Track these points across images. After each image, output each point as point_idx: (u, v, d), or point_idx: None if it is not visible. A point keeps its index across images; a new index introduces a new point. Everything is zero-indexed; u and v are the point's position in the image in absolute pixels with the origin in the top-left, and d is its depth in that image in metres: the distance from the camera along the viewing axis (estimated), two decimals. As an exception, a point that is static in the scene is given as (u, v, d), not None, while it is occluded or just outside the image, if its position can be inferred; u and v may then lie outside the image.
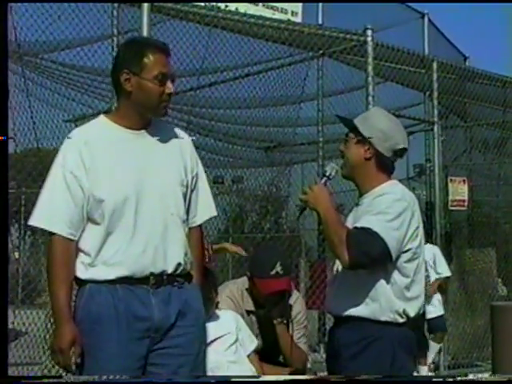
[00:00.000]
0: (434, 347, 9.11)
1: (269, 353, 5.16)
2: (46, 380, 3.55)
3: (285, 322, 4.90)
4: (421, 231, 3.77)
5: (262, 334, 5.04)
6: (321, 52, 9.06)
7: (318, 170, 10.15)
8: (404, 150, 3.84)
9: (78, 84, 9.49)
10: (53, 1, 7.59)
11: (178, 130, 3.76)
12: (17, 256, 14.58)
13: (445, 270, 9.10)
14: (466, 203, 9.79)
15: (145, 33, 6.79)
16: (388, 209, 3.59)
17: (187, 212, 3.65)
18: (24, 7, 7.48)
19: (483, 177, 12.61)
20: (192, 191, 3.67)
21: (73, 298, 3.49)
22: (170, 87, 3.50)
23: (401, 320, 3.64)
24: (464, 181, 9.81)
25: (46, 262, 3.47)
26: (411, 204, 3.72)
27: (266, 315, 4.93)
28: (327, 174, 3.80)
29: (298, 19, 9.95)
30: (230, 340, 4.68)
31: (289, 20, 9.36)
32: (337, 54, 9.07)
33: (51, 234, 3.43)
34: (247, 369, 4.63)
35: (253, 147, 11.36)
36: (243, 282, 5.06)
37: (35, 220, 3.46)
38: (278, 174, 11.55)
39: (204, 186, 3.76)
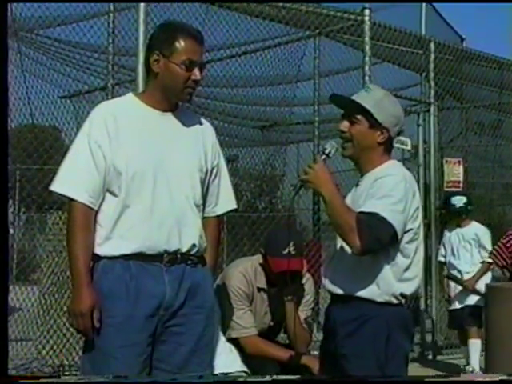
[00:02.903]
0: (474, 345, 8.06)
1: (275, 332, 5.23)
2: (44, 380, 3.53)
3: (295, 300, 4.93)
4: (420, 211, 3.77)
5: (271, 312, 5.07)
6: (317, 31, 9.02)
7: (314, 149, 10.15)
8: (403, 130, 3.87)
9: (73, 60, 9.45)
10: (52, 1, 7.55)
11: (203, 120, 3.81)
12: (11, 232, 14.57)
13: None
14: (460, 184, 9.79)
15: (141, 10, 6.74)
16: (392, 191, 3.57)
17: (205, 200, 3.70)
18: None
19: (479, 159, 12.62)
20: (212, 180, 3.72)
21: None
22: (196, 74, 3.53)
23: (396, 301, 3.65)
24: (459, 162, 9.81)
25: (68, 227, 3.49)
26: (412, 184, 3.72)
27: (277, 293, 4.95)
28: (327, 151, 3.75)
29: (298, -3, 9.91)
30: None
31: (286, -3, 9.32)
32: (334, 33, 9.04)
33: (72, 200, 3.46)
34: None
35: (249, 126, 11.34)
36: (258, 258, 5.07)
37: (57, 186, 3.49)
38: (274, 153, 11.54)
39: (226, 178, 3.81)
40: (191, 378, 3.51)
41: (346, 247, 3.61)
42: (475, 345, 7.96)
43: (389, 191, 3.57)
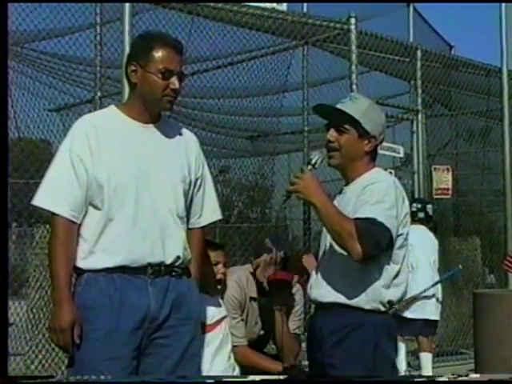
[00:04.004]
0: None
1: (264, 342, 5.22)
2: (42, 380, 3.51)
3: (284, 310, 4.92)
4: (409, 217, 3.77)
5: (261, 321, 5.07)
6: (304, 41, 9.02)
7: (303, 159, 10.12)
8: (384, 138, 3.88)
9: (59, 73, 9.43)
10: (52, 1, 7.54)
11: (186, 131, 3.80)
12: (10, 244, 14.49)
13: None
14: (450, 191, 9.79)
15: (126, 21, 6.74)
16: (384, 197, 3.57)
17: (189, 211, 3.69)
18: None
19: (469, 166, 12.63)
20: (196, 192, 3.71)
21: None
22: (175, 83, 3.52)
23: (383, 309, 3.64)
24: (448, 169, 9.81)
25: (50, 242, 3.49)
26: (401, 190, 3.73)
27: (268, 303, 4.94)
28: (313, 162, 3.75)
29: (284, 8, 9.92)
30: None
31: (273, 8, 9.32)
32: (320, 42, 9.04)
33: (54, 214, 3.45)
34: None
35: (236, 136, 11.32)
36: (248, 267, 5.08)
37: (39, 200, 3.48)
38: (264, 164, 11.53)
39: (210, 189, 3.80)
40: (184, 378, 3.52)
41: (333, 256, 3.60)
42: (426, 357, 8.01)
43: (382, 197, 3.57)
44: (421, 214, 8.04)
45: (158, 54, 3.51)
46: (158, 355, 3.50)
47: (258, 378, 3.75)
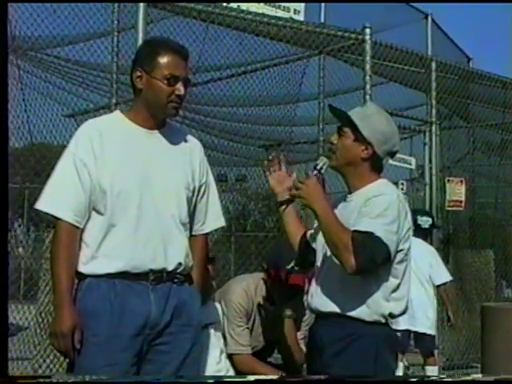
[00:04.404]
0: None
1: (269, 352, 5.21)
2: (43, 380, 3.52)
3: (294, 317, 4.90)
4: (411, 232, 3.74)
5: (268, 330, 5.04)
6: (318, 50, 9.03)
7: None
8: (396, 152, 3.83)
9: (79, 79, 9.50)
10: (51, 0, 7.58)
11: (190, 137, 3.81)
12: (20, 251, 14.57)
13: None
14: (463, 204, 9.72)
15: (140, 29, 6.79)
16: (386, 211, 3.54)
17: (193, 218, 3.70)
18: (28, 4, 7.46)
19: (486, 179, 12.57)
20: (200, 198, 3.72)
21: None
22: (180, 89, 3.53)
23: (384, 321, 3.62)
24: (461, 181, 9.74)
25: (52, 246, 3.50)
26: (405, 205, 3.69)
27: (277, 312, 4.92)
28: (318, 167, 3.74)
29: (301, 18, 9.93)
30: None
31: (290, 18, 9.34)
32: (334, 52, 9.04)
33: (57, 219, 3.46)
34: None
35: (252, 145, 11.32)
36: (259, 275, 5.08)
37: (42, 204, 3.50)
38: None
39: (214, 196, 3.81)
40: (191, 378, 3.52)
41: (334, 265, 3.58)
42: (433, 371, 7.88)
43: (383, 211, 3.53)
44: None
45: (164, 60, 3.52)
46: (158, 362, 3.51)
47: (253, 377, 3.76)
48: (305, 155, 11.55)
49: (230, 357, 4.79)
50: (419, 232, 7.86)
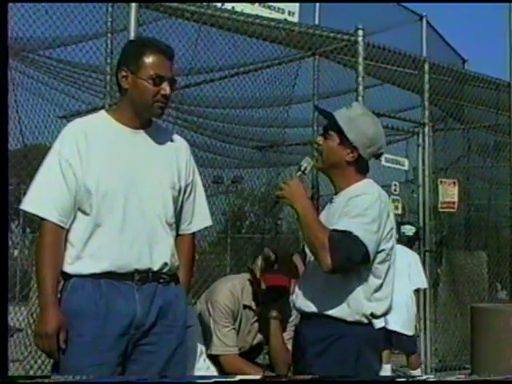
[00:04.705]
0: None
1: (257, 352, 5.21)
2: (42, 380, 3.53)
3: (280, 318, 4.91)
4: (394, 232, 3.75)
5: (254, 331, 5.06)
6: (311, 52, 9.03)
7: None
8: (381, 153, 3.85)
9: (71, 79, 9.48)
10: (51, 1, 7.58)
11: (176, 137, 3.82)
12: (16, 254, 14.54)
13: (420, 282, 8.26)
14: (455, 205, 9.72)
15: (132, 30, 6.78)
16: (366, 211, 3.56)
17: (180, 218, 3.71)
18: (19, 3, 7.45)
19: (481, 180, 12.58)
20: (187, 198, 3.73)
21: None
22: (165, 89, 3.54)
23: (366, 321, 3.63)
24: (454, 183, 9.74)
25: (37, 246, 3.51)
26: (386, 204, 3.70)
27: (263, 312, 4.93)
28: (302, 168, 3.79)
29: (295, 19, 9.92)
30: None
31: (285, 20, 9.33)
32: (327, 53, 9.04)
33: (42, 219, 3.47)
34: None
35: (245, 146, 11.32)
36: (245, 276, 5.08)
37: (27, 204, 3.51)
38: (274, 175, 11.51)
39: (201, 195, 3.82)
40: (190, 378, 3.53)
41: (318, 266, 3.59)
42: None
43: (363, 210, 3.56)
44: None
45: (149, 59, 3.53)
46: (144, 361, 3.52)
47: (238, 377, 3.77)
48: (297, 157, 11.54)
49: (216, 358, 4.80)
50: (403, 239, 8.12)
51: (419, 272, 8.26)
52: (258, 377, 4.52)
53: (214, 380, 3.88)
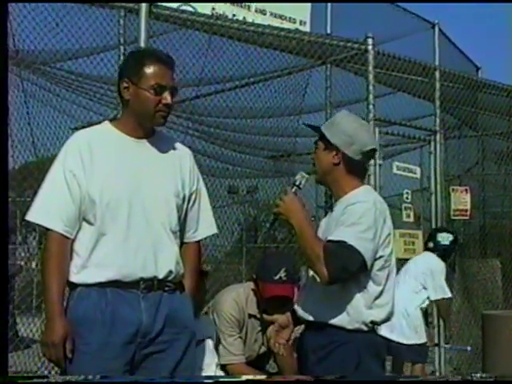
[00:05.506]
0: None
1: (264, 360, 5.20)
2: (43, 380, 3.54)
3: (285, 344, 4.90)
4: (391, 238, 3.75)
5: (261, 339, 5.08)
6: (321, 61, 9.04)
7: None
8: (373, 150, 3.83)
9: (82, 89, 9.53)
10: (53, 0, 7.60)
11: (180, 145, 3.84)
12: (33, 266, 14.60)
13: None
14: (468, 213, 9.68)
15: (142, 41, 6.82)
16: (361, 219, 3.57)
17: (185, 226, 3.74)
18: (30, 16, 7.50)
19: (496, 187, 12.53)
20: (191, 206, 3.75)
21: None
22: (167, 98, 3.57)
23: (366, 329, 3.64)
24: (466, 190, 9.71)
25: (43, 257, 3.56)
26: (383, 211, 3.70)
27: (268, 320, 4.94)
28: (297, 183, 3.80)
29: (307, 29, 9.95)
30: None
31: (296, 29, 9.36)
32: (337, 62, 9.05)
33: (48, 229, 3.50)
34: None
35: (257, 155, 11.32)
36: (250, 284, 5.10)
37: (32, 215, 3.54)
38: (287, 185, 11.46)
39: (205, 203, 3.85)
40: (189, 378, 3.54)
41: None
42: None
43: (358, 219, 3.57)
44: (430, 244, 7.75)
45: (150, 70, 3.56)
46: (152, 369, 3.53)
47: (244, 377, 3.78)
48: (308, 166, 11.51)
49: (223, 367, 4.81)
50: (439, 248, 7.68)
51: (433, 281, 7.64)
52: (263, 377, 4.52)
53: (221, 380, 3.89)
